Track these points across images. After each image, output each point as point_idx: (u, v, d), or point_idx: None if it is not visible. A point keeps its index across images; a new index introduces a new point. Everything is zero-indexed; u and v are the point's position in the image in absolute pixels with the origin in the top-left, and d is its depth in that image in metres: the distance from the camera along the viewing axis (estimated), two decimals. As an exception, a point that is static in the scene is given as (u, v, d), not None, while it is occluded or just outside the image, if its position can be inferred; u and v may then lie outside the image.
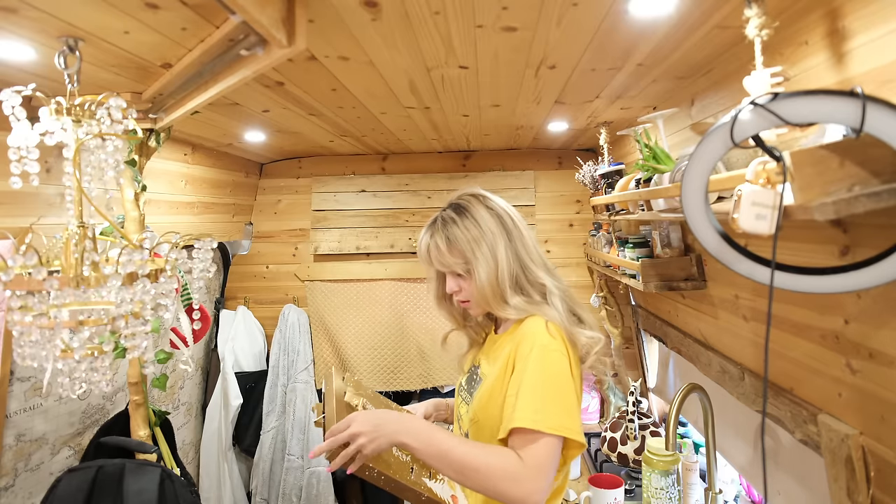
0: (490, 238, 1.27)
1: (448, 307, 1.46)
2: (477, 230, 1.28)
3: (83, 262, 0.96)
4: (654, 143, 1.53)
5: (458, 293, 1.34)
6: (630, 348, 2.93)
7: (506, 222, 1.30)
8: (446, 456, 1.15)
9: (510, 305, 1.26)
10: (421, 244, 1.36)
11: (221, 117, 1.94)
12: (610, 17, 1.11)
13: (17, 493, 1.67)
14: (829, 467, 1.17)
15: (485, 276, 1.26)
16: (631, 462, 2.19)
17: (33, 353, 0.91)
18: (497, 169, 3.09)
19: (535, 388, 1.16)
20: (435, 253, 1.32)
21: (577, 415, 1.18)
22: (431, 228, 1.34)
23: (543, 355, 1.18)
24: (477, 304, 1.33)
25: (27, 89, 0.95)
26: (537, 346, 1.19)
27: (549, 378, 1.17)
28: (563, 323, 1.23)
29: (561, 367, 1.18)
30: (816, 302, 1.17)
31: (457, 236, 1.28)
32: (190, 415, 2.78)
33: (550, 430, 1.12)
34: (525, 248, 1.30)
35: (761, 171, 0.86)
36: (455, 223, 1.30)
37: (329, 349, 3.10)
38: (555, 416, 1.14)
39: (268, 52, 1.04)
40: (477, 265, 1.27)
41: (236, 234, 3.07)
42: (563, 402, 1.16)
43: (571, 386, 1.18)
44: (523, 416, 1.14)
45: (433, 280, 1.44)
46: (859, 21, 0.87)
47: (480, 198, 1.34)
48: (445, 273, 1.35)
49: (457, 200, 1.35)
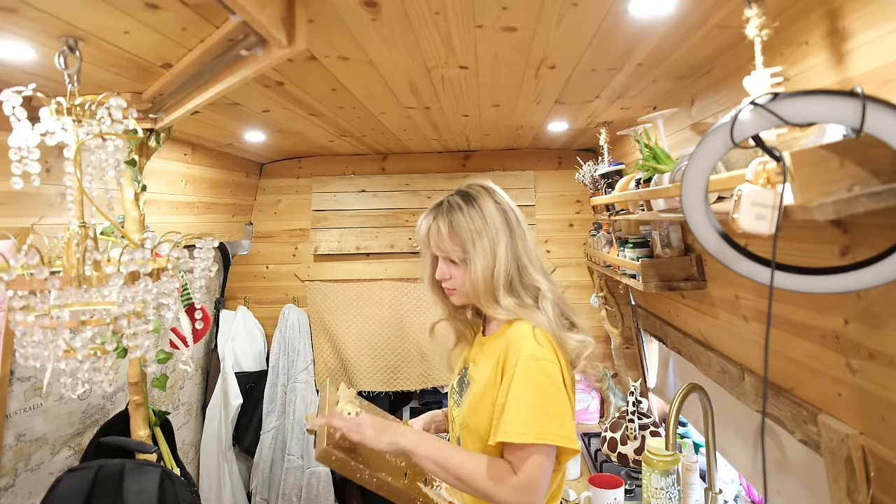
0: (493, 233, 1.26)
1: (440, 293, 1.43)
2: (481, 222, 1.26)
3: (85, 261, 0.96)
4: (654, 143, 1.53)
5: (447, 280, 1.33)
6: (630, 348, 2.94)
7: (510, 220, 1.30)
8: (446, 465, 1.18)
9: (500, 306, 1.25)
10: (422, 225, 1.34)
11: (221, 117, 1.94)
12: (610, 17, 1.11)
13: (17, 493, 1.67)
14: (829, 467, 1.17)
15: (480, 269, 1.25)
16: (631, 462, 2.19)
17: (36, 354, 0.91)
18: (497, 169, 3.09)
19: (521, 399, 1.16)
20: (435, 235, 1.30)
21: (567, 421, 1.18)
22: (436, 211, 1.32)
23: (529, 366, 1.17)
24: (463, 294, 1.32)
25: (27, 89, 0.95)
26: (524, 356, 1.18)
27: (536, 388, 1.16)
28: (550, 328, 1.23)
29: (548, 376, 1.17)
30: (816, 302, 1.17)
31: (460, 224, 1.27)
32: (190, 415, 2.78)
33: (538, 440, 1.13)
34: (525, 248, 1.30)
35: (761, 171, 0.86)
36: (461, 210, 1.28)
37: (329, 349, 3.10)
38: (542, 425, 1.14)
39: (268, 52, 1.04)
40: (475, 256, 1.25)
41: (236, 234, 3.07)
42: (551, 410, 1.16)
43: (559, 393, 1.18)
44: (509, 430, 1.15)
45: (427, 264, 1.41)
46: (859, 21, 0.87)
47: (490, 191, 1.33)
48: (439, 258, 1.33)
49: (466, 189, 1.34)
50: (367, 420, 1.24)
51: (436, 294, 1.44)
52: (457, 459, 1.19)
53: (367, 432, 1.21)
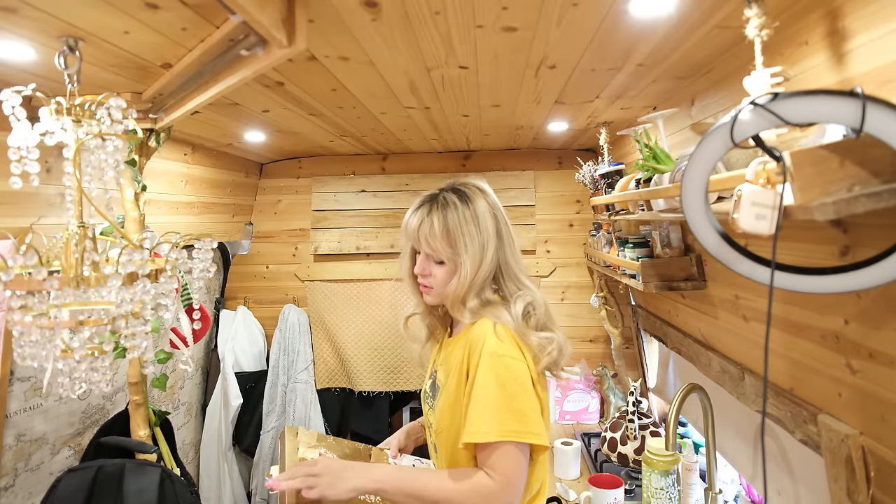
0: (484, 238, 1.24)
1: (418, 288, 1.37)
2: (475, 226, 1.23)
3: (83, 262, 0.96)
4: (654, 143, 1.53)
5: (425, 276, 1.29)
6: (630, 348, 2.93)
7: (500, 224, 1.28)
8: (420, 495, 1.14)
9: (466, 308, 1.23)
10: (412, 218, 1.28)
11: (221, 117, 1.94)
12: (610, 17, 1.11)
13: (17, 493, 1.67)
14: (829, 467, 1.16)
15: (467, 273, 1.22)
16: (631, 462, 2.19)
17: (33, 353, 0.91)
18: (497, 169, 3.09)
19: (483, 398, 1.13)
20: (426, 231, 1.25)
21: (531, 416, 1.14)
22: (429, 205, 1.27)
23: (490, 363, 1.15)
24: (437, 295, 1.29)
25: (27, 89, 0.95)
26: (485, 353, 1.15)
27: (498, 385, 1.13)
28: (514, 323, 1.20)
29: (509, 371, 1.15)
30: (816, 302, 1.17)
31: (455, 224, 1.23)
32: (190, 415, 2.78)
33: (502, 438, 1.11)
34: (512, 253, 1.28)
35: (761, 171, 0.86)
36: (456, 209, 1.24)
37: (329, 349, 3.10)
38: (504, 422, 1.11)
39: (268, 52, 1.04)
40: (465, 260, 1.22)
41: (236, 234, 3.07)
42: (513, 406, 1.13)
43: (522, 388, 1.15)
44: (473, 431, 1.13)
45: (406, 257, 1.36)
46: (859, 21, 0.87)
47: (484, 192, 1.30)
48: (422, 253, 1.29)
49: (460, 187, 1.30)
50: (322, 469, 1.16)
51: (413, 288, 1.39)
52: (432, 486, 1.14)
53: (323, 485, 1.13)
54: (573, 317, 3.07)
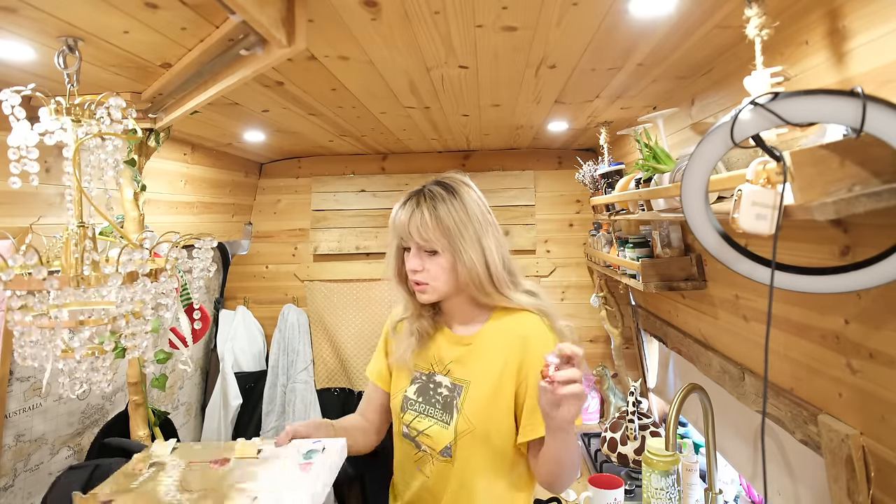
0: (476, 224, 1.24)
1: (408, 290, 1.34)
2: (464, 213, 1.23)
3: (83, 261, 0.96)
4: (654, 143, 1.53)
5: (419, 273, 1.26)
6: (630, 348, 2.93)
7: (486, 213, 1.28)
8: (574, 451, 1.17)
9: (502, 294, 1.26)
10: (401, 213, 1.26)
11: (221, 117, 1.94)
12: (610, 17, 1.11)
13: (16, 493, 1.67)
14: (829, 467, 1.16)
15: (474, 259, 1.22)
16: (631, 462, 2.19)
17: (34, 353, 0.90)
18: (497, 169, 3.09)
19: None
20: (418, 224, 1.23)
21: None
22: (416, 198, 1.26)
23: None
24: (436, 290, 1.27)
25: (27, 89, 0.95)
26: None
27: None
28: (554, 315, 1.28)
29: None
30: (816, 302, 1.17)
31: (446, 212, 1.23)
32: (190, 415, 2.78)
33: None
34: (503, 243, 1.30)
35: (761, 171, 0.86)
36: (444, 200, 1.24)
37: (329, 349, 3.10)
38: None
39: (267, 51, 1.04)
40: (463, 246, 1.22)
41: (236, 233, 3.07)
42: None
43: None
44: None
45: (393, 256, 1.33)
46: (859, 21, 0.87)
47: (468, 184, 1.30)
48: (411, 250, 1.27)
49: (444, 179, 1.30)
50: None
51: (402, 290, 1.36)
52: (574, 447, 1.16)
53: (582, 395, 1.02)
54: (573, 317, 3.07)
